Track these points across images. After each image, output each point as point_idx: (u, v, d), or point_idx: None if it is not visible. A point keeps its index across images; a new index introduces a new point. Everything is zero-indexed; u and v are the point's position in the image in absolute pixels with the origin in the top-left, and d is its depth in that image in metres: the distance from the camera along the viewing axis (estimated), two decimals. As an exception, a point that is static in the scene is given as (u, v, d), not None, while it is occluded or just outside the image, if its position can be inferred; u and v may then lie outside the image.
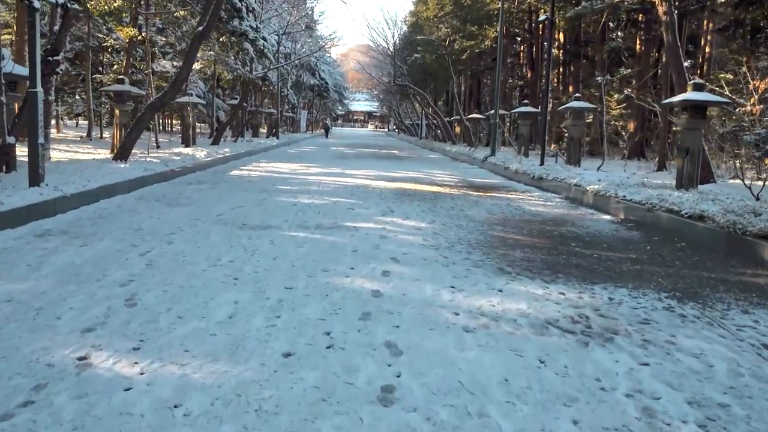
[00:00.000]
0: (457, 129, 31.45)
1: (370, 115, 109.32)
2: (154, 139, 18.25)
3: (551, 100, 30.76)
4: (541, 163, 14.14)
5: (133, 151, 15.33)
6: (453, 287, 4.26)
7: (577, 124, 14.73)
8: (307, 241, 5.67)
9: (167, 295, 3.87)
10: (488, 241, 6.13)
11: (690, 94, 9.16)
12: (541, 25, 26.37)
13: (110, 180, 8.60)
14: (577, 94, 14.93)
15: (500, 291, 4.24)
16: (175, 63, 31.31)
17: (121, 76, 13.62)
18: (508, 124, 29.18)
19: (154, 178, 10.10)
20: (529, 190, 11.42)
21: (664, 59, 15.35)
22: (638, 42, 18.90)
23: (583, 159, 15.72)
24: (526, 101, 19.57)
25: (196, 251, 5.12)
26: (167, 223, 6.48)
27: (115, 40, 20.03)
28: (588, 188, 9.55)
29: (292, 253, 5.13)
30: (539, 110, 23.62)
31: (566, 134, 15.58)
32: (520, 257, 5.41)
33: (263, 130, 36.98)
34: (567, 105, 14.90)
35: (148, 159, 12.01)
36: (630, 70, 16.75)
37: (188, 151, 15.75)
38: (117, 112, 13.62)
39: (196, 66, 30.61)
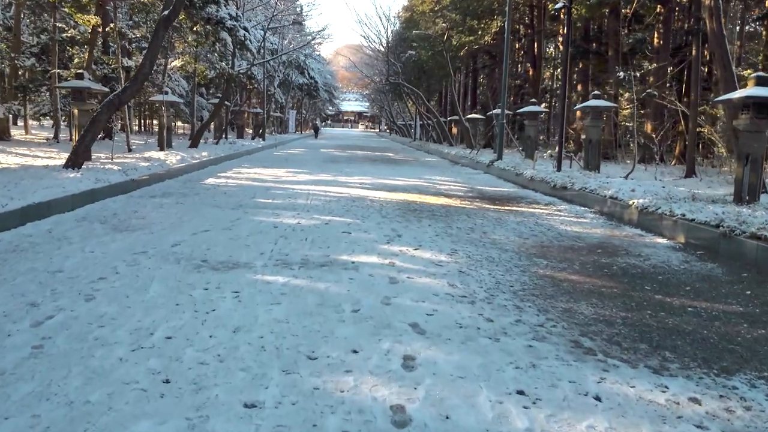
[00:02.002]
0: (454, 130, 29.91)
1: (360, 116, 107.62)
2: (127, 141, 16.49)
3: (554, 98, 29.21)
4: (558, 169, 12.58)
5: (97, 155, 13.62)
6: (522, 394, 2.62)
7: (596, 124, 13.22)
8: (287, 293, 4.01)
9: None
10: (537, 284, 4.50)
11: (753, 90, 7.61)
12: (544, 19, 24.85)
13: (46, 195, 6.90)
14: (596, 92, 13.38)
15: (597, 399, 2.61)
16: (164, 64, 29.52)
17: (80, 71, 11.88)
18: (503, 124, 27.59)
19: (108, 191, 8.38)
20: (553, 203, 9.82)
21: (693, 53, 13.86)
22: (656, 36, 17.42)
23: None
24: (533, 100, 18.01)
25: (122, 316, 3.45)
26: (101, 260, 4.79)
27: (81, 33, 18.13)
28: (630, 203, 7.96)
29: (264, 320, 3.46)
30: (547, 109, 22.10)
31: (583, 136, 14.04)
32: (593, 316, 3.79)
33: (250, 131, 35.22)
34: (585, 103, 13.38)
35: (108, 166, 10.28)
36: (654, 64, 15.25)
37: (161, 155, 14.02)
38: (75, 111, 11.89)
39: (177, 63, 28.84)
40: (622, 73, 12.82)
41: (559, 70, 25.38)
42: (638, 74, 13.65)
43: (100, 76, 16.94)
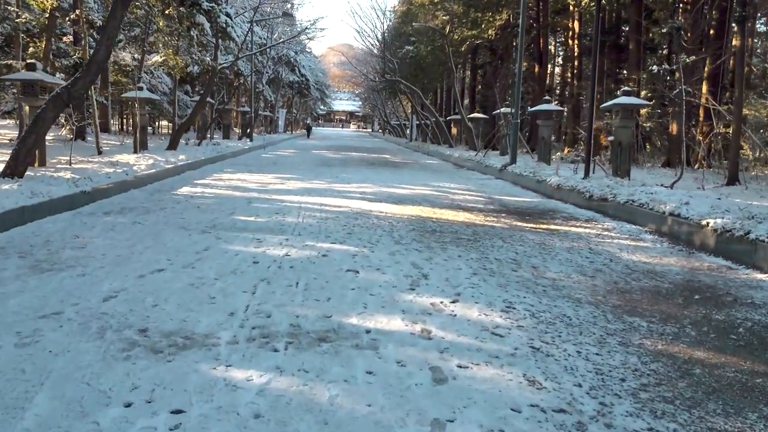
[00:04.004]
0: (454, 130, 28.33)
1: (352, 115, 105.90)
2: (96, 142, 14.72)
3: (553, 97, 27.70)
4: (585, 175, 11.01)
5: (58, 158, 11.89)
6: None
7: (626, 125, 11.67)
8: (264, 414, 2.35)
9: None
10: (657, 374, 2.89)
11: None
12: (548, 12, 23.31)
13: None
14: (626, 88, 11.81)
15: None
16: (136, 55, 27.70)
17: (31, 61, 10.15)
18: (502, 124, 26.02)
19: (48, 208, 6.67)
20: (594, 218, 8.21)
21: (736, 42, 12.33)
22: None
23: (602, 166, 12.56)
24: (546, 97, 16.45)
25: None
26: (-18, 331, 3.11)
27: (41, 19, 16.13)
28: (703, 223, 6.37)
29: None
30: (562, 108, 20.51)
31: (610, 138, 12.51)
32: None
33: (238, 131, 33.44)
34: (614, 101, 11.82)
35: (60, 174, 8.57)
36: (692, 57, 13.72)
37: (132, 158, 12.31)
38: (26, 108, 10.16)
39: (158, 58, 27.06)
40: (656, 67, 11.28)
41: (571, 65, 23.89)
42: (668, 68, 12.16)
43: (66, 67, 15.14)
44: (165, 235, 5.78)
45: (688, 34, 14.75)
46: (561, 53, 35.61)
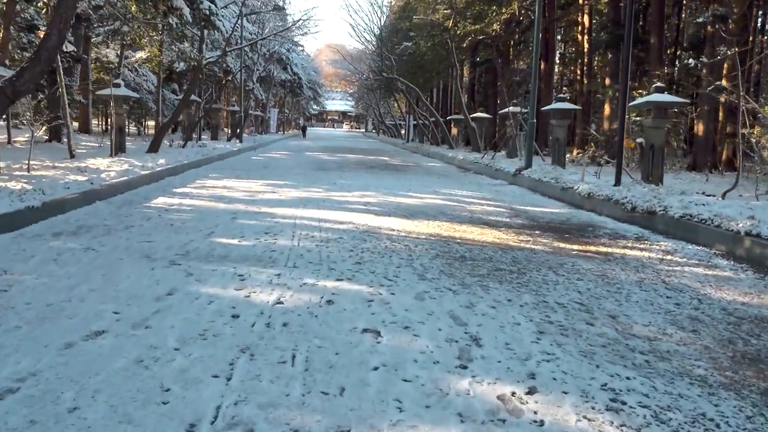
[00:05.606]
0: (453, 130, 27.07)
1: (345, 115, 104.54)
2: (68, 145, 13.32)
3: (566, 95, 26.56)
4: (617, 182, 9.77)
5: (19, 164, 10.53)
6: None
7: (660, 125, 10.46)
8: None
9: None
10: None
11: None
12: (555, 6, 22.13)
13: None
14: (658, 84, 10.57)
15: None
16: (119, 52, 26.25)
17: (-17, 51, 8.78)
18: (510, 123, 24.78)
19: (-21, 230, 5.34)
20: (644, 236, 6.94)
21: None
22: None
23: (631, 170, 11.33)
24: (561, 95, 15.21)
25: None
26: None
27: None
28: (800, 247, 5.12)
29: None
30: (579, 107, 19.29)
31: (639, 140, 11.28)
32: None
33: (228, 131, 32.05)
34: (645, 98, 10.60)
35: (11, 183, 7.21)
36: (733, 49, 12.54)
37: (105, 163, 10.98)
38: (-24, 106, 8.76)
39: (142, 54, 25.68)
40: (692, 60, 10.07)
41: (581, 61, 22.69)
42: (706, 62, 10.96)
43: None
44: (121, 270, 4.45)
45: (716, 27, 13.55)
46: (559, 51, 34.48)
